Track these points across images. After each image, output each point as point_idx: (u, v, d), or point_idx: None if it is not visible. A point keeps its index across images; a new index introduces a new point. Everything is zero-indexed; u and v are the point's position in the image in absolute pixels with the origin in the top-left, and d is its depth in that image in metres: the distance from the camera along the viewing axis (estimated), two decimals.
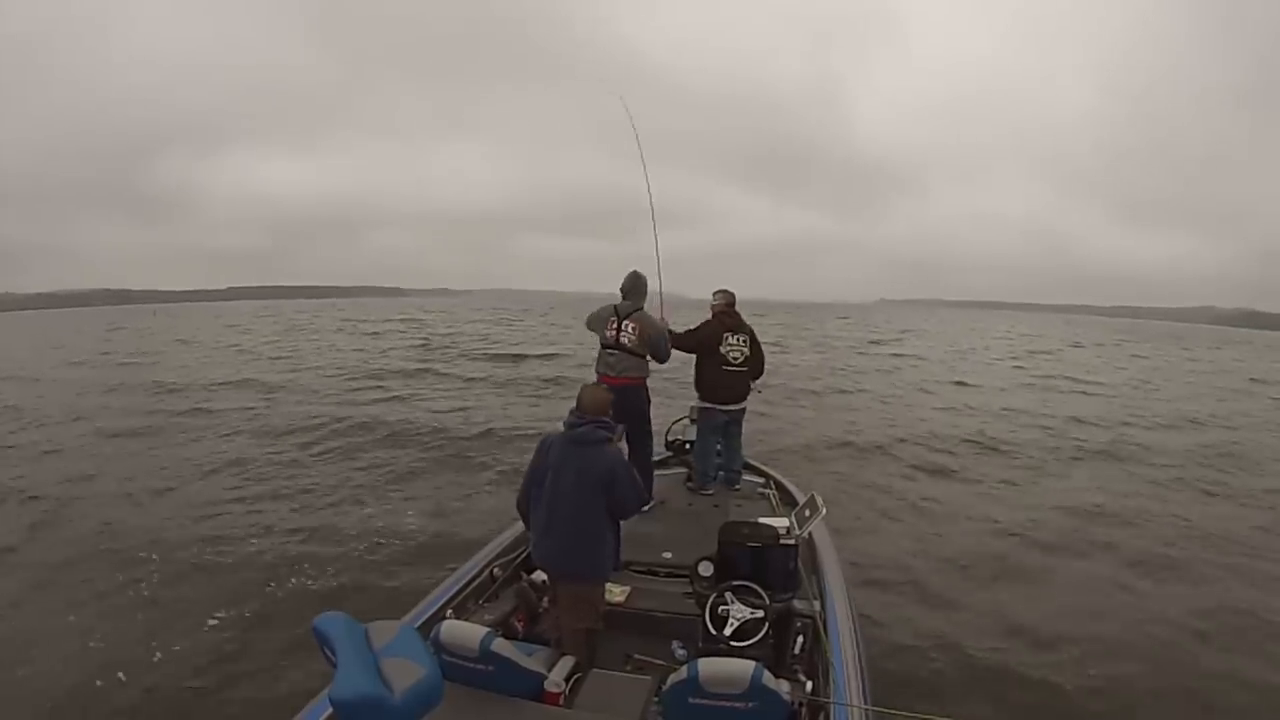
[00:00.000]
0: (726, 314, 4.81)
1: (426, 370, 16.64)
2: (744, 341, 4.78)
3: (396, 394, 13.03)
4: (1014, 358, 25.17)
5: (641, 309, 4.33)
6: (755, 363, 4.86)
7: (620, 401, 3.39)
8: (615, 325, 4.26)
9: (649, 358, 4.30)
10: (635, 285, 4.37)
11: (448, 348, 22.51)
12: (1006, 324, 65.34)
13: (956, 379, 17.27)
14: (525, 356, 19.59)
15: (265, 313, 63.77)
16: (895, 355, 23.98)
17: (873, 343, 30.61)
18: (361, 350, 22.35)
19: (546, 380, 14.66)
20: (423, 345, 23.60)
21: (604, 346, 4.32)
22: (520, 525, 3.78)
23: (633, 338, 4.23)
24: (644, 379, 4.35)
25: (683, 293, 5.12)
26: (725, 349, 4.72)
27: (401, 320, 42.63)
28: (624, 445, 4.03)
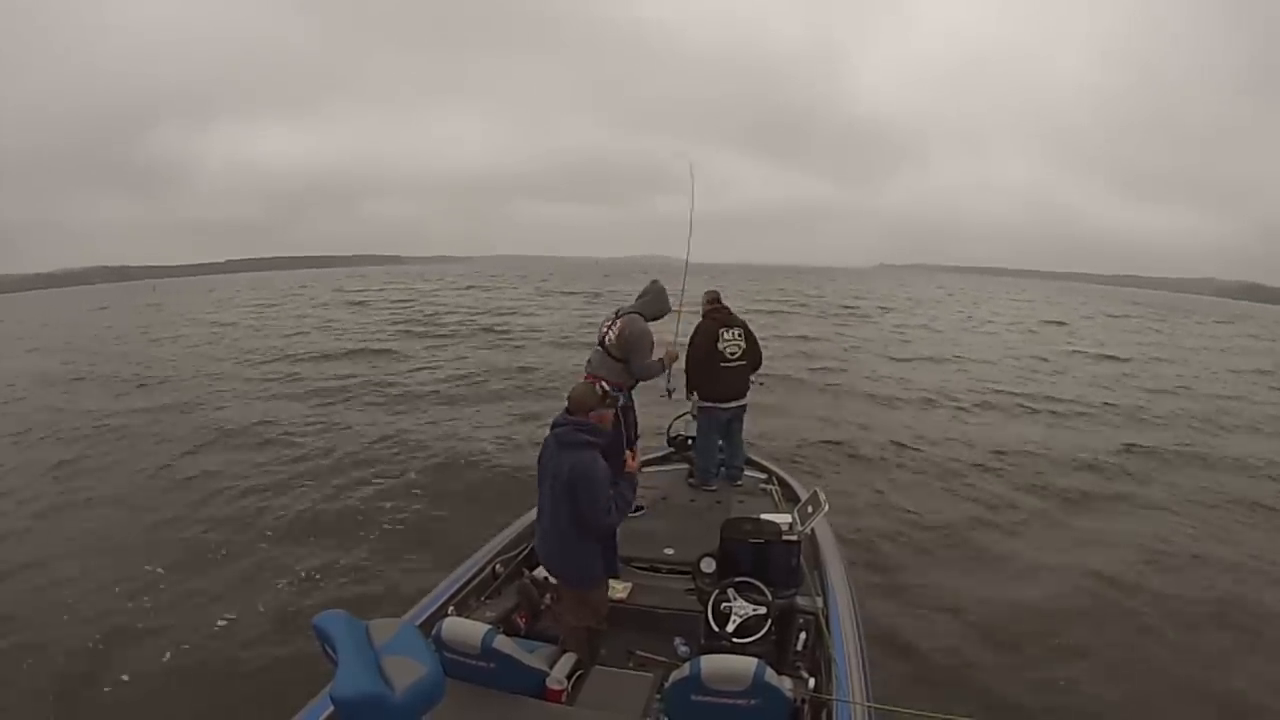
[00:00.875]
0: (717, 310, 4.82)
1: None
2: (739, 335, 4.77)
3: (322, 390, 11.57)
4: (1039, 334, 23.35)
5: (638, 313, 4.10)
6: (752, 356, 4.84)
7: None
8: (609, 322, 4.11)
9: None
10: (645, 291, 4.24)
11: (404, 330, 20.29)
12: (1011, 292, 63.08)
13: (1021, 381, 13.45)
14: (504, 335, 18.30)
15: (260, 284, 63.65)
16: (956, 358, 16.48)
17: (890, 314, 28.16)
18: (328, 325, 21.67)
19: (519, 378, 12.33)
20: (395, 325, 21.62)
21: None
22: (522, 522, 3.78)
23: (613, 339, 3.99)
24: (619, 384, 4.01)
25: (684, 256, 5.02)
26: (722, 345, 4.71)
27: (399, 290, 41.69)
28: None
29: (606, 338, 4.06)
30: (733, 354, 4.73)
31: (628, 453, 3.04)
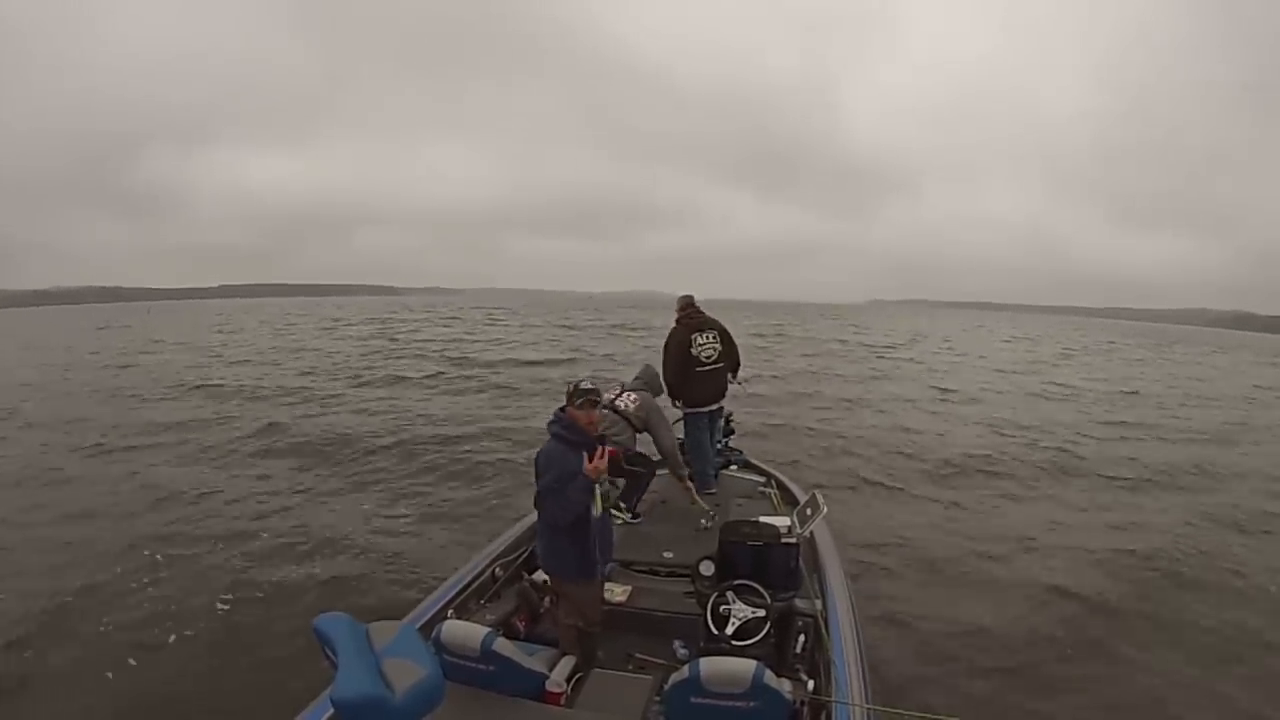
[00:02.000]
0: (688, 316, 4.84)
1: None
2: (714, 338, 4.79)
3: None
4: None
5: (646, 389, 4.57)
6: (729, 357, 4.86)
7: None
8: (617, 392, 4.49)
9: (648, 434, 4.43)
10: (641, 374, 4.74)
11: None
12: (1010, 328, 63.50)
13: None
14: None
15: (252, 310, 63.99)
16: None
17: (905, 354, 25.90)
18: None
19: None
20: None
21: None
22: (521, 525, 3.79)
23: (630, 409, 4.40)
24: (626, 448, 4.24)
25: (675, 291, 5.11)
26: (696, 350, 4.72)
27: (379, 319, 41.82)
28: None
29: (618, 403, 4.38)
30: (708, 357, 4.75)
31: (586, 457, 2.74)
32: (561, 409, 2.82)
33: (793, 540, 3.08)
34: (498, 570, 3.42)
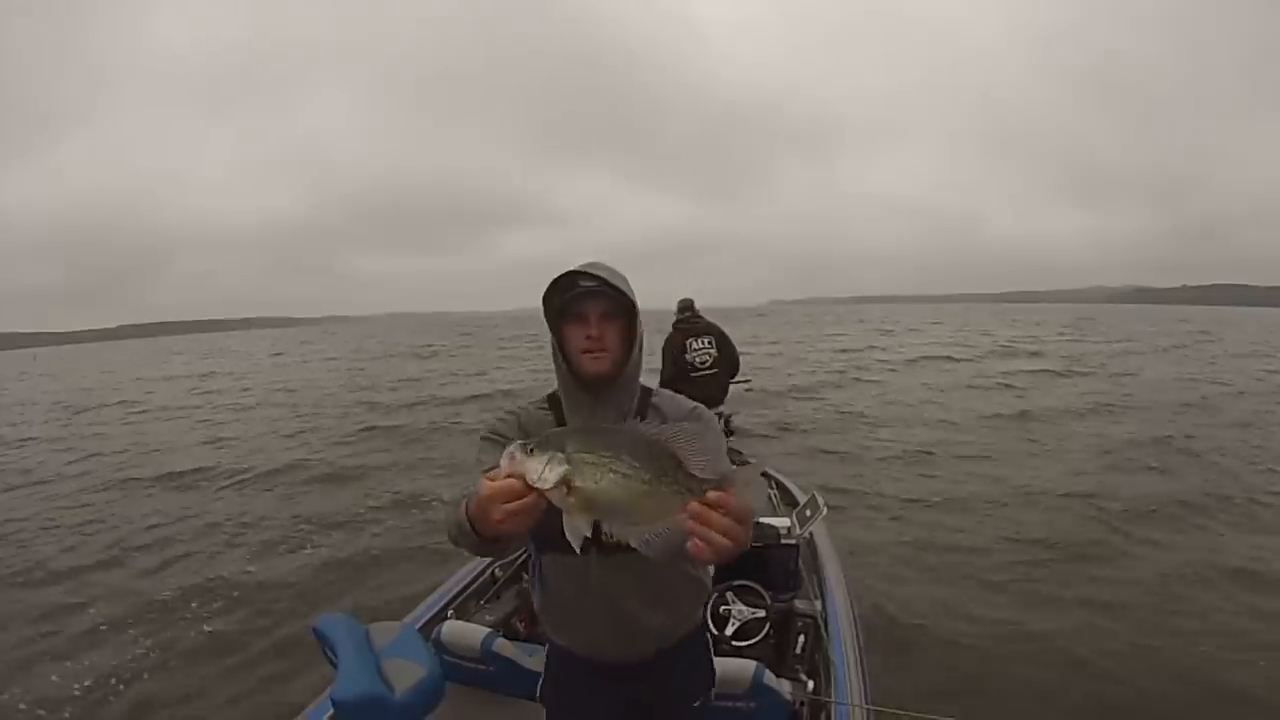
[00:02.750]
0: (683, 321, 4.81)
1: None
2: (709, 344, 4.74)
3: None
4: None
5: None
6: (726, 362, 4.81)
7: None
8: None
9: None
10: None
11: None
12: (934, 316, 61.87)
13: None
14: None
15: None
16: None
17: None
18: None
19: None
20: None
21: None
22: None
23: None
24: None
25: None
26: (690, 355, 4.69)
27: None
28: None
29: None
30: (703, 363, 4.70)
31: None
32: None
33: (792, 541, 3.08)
34: (498, 571, 3.43)
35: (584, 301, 1.31)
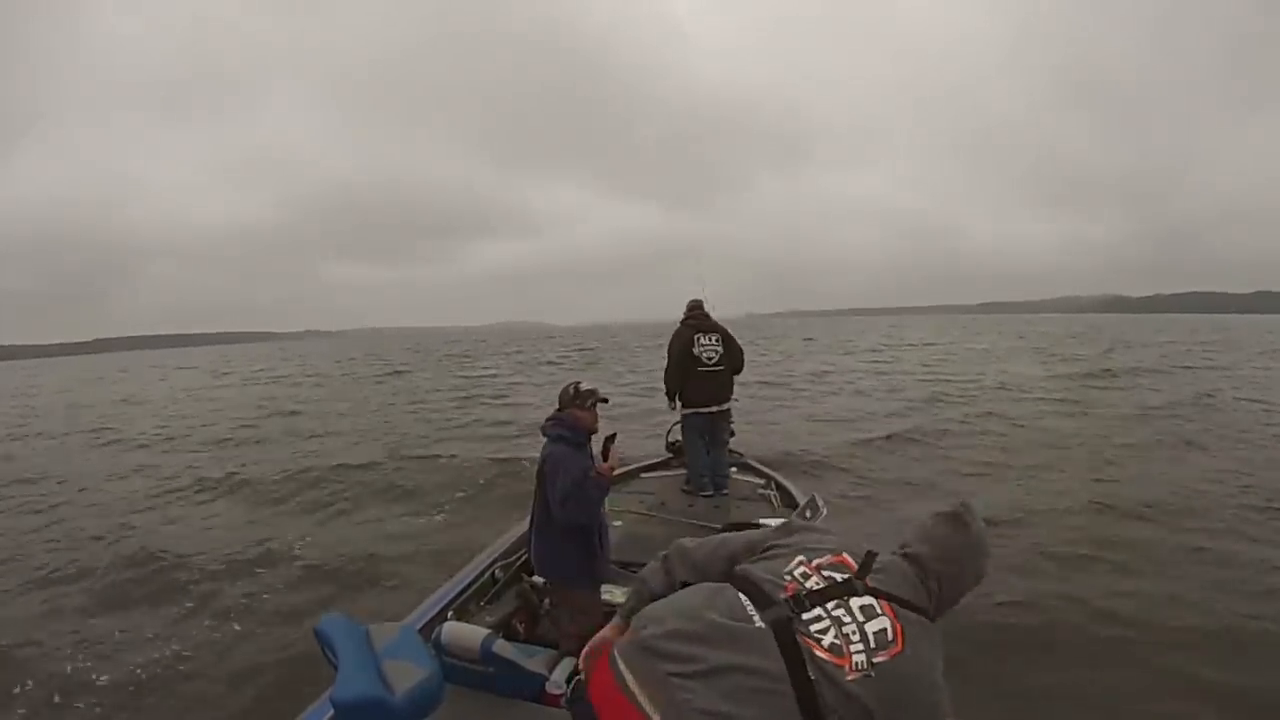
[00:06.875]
0: (691, 318, 4.90)
1: None
2: (716, 341, 4.82)
3: None
4: None
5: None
6: (732, 359, 4.87)
7: None
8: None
9: None
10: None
11: None
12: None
13: None
14: None
15: None
16: None
17: None
18: None
19: None
20: None
21: None
22: (521, 527, 3.79)
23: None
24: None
25: (547, 321, 3.88)
26: (698, 350, 4.78)
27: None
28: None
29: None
30: (709, 359, 4.78)
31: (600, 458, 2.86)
32: (557, 412, 2.83)
33: None
34: (497, 572, 3.43)
35: None
